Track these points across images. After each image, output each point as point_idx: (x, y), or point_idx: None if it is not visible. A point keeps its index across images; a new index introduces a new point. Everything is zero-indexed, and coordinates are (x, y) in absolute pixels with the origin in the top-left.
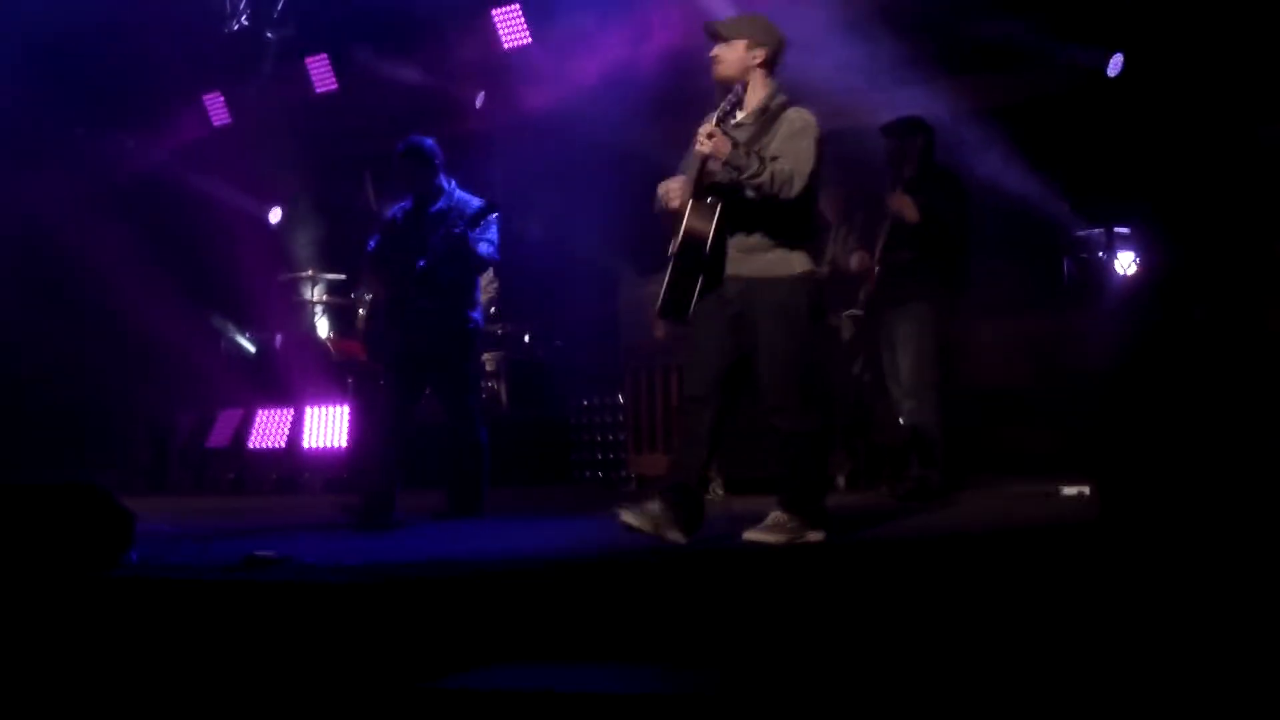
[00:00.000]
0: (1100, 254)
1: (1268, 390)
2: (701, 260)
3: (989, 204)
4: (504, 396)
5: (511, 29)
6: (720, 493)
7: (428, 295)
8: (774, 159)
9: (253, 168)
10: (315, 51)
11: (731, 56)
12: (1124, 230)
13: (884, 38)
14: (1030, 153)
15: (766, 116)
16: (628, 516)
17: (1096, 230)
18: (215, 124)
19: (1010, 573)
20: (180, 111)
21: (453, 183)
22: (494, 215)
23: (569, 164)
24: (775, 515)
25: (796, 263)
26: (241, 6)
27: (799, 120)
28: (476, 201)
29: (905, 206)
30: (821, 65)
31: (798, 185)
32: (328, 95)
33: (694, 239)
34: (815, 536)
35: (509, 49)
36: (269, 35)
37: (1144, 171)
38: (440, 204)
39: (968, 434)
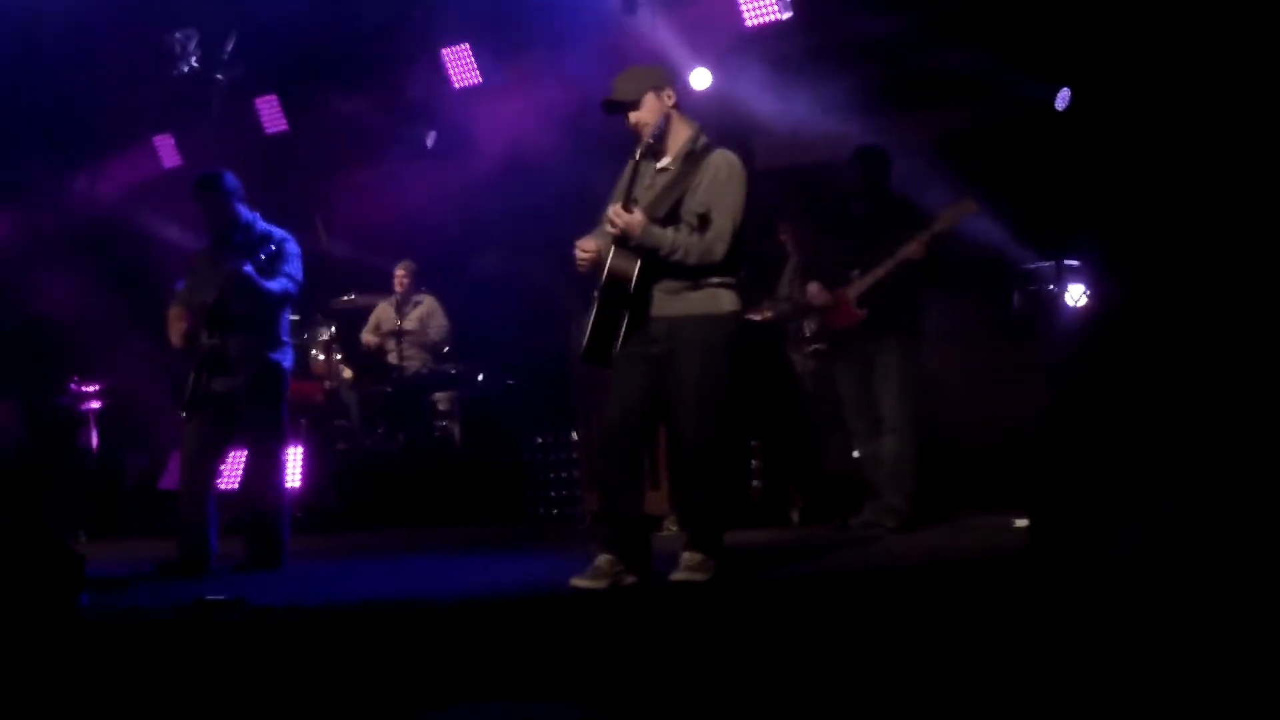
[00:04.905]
0: (1050, 286)
1: (1218, 419)
2: (626, 301)
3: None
4: (457, 435)
5: (462, 68)
6: (674, 528)
7: (220, 334)
8: (694, 228)
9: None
10: (265, 92)
11: (649, 115)
12: (1074, 262)
13: (833, 72)
14: (978, 185)
15: (691, 159)
16: (581, 582)
17: (1046, 263)
18: (166, 165)
19: (972, 603)
20: (131, 153)
21: (255, 215)
22: (294, 249)
23: (520, 203)
24: (689, 556)
25: (724, 301)
26: (191, 48)
27: (725, 167)
28: (278, 234)
29: (917, 249)
30: (771, 102)
31: (720, 250)
32: (278, 136)
33: (618, 280)
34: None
35: (459, 88)
36: (219, 77)
37: (1094, 203)
38: (238, 239)
39: (921, 466)
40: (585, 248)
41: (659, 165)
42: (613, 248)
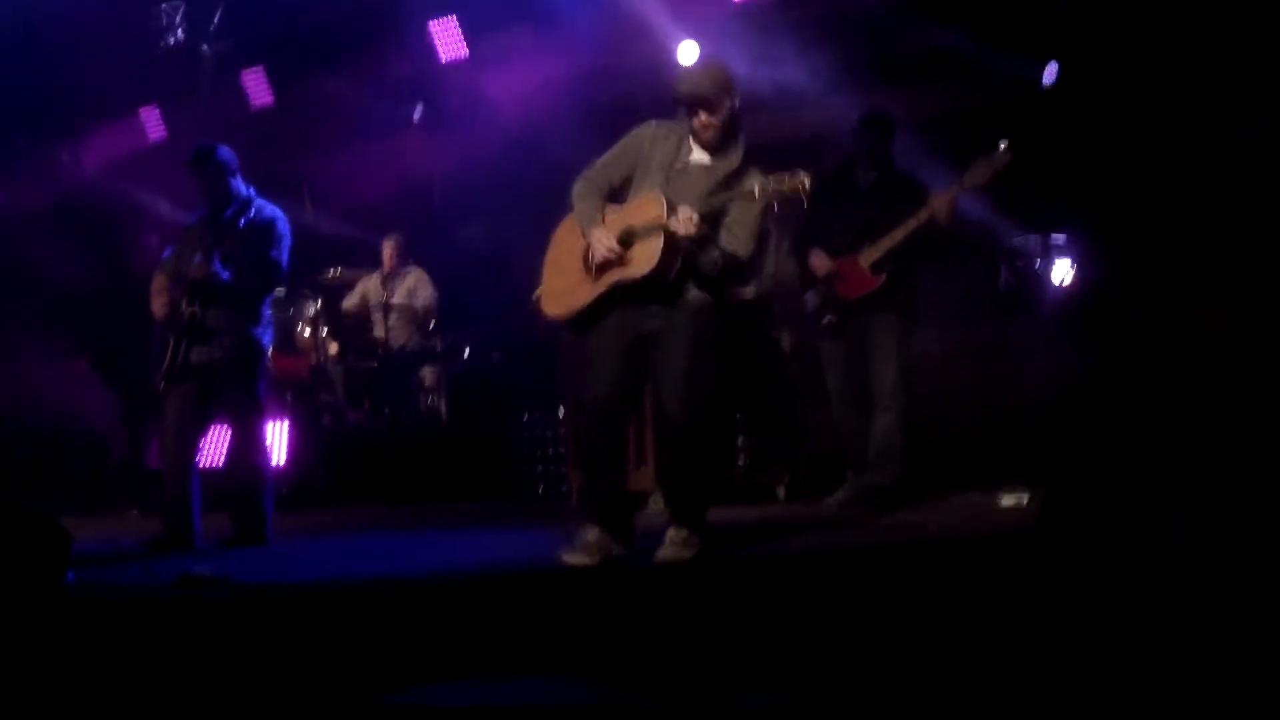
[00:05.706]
0: (1036, 262)
1: (1199, 392)
2: (653, 290)
3: None
4: (443, 411)
5: (449, 41)
6: (660, 505)
7: (203, 306)
8: (724, 251)
9: (190, 182)
10: (252, 65)
11: (721, 119)
12: (1059, 238)
13: (819, 49)
14: (963, 160)
15: (736, 172)
16: (572, 559)
17: (1032, 238)
18: (152, 138)
19: (958, 583)
20: (117, 126)
21: (251, 190)
22: (283, 229)
23: (508, 177)
24: (674, 533)
25: (719, 290)
26: (178, 20)
27: (759, 192)
28: (269, 211)
29: (944, 209)
30: (757, 77)
31: (735, 272)
32: (264, 109)
33: (663, 272)
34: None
35: (446, 61)
36: (205, 49)
37: (1080, 179)
38: (230, 212)
39: (907, 444)
40: (614, 248)
41: (696, 158)
42: (664, 241)
